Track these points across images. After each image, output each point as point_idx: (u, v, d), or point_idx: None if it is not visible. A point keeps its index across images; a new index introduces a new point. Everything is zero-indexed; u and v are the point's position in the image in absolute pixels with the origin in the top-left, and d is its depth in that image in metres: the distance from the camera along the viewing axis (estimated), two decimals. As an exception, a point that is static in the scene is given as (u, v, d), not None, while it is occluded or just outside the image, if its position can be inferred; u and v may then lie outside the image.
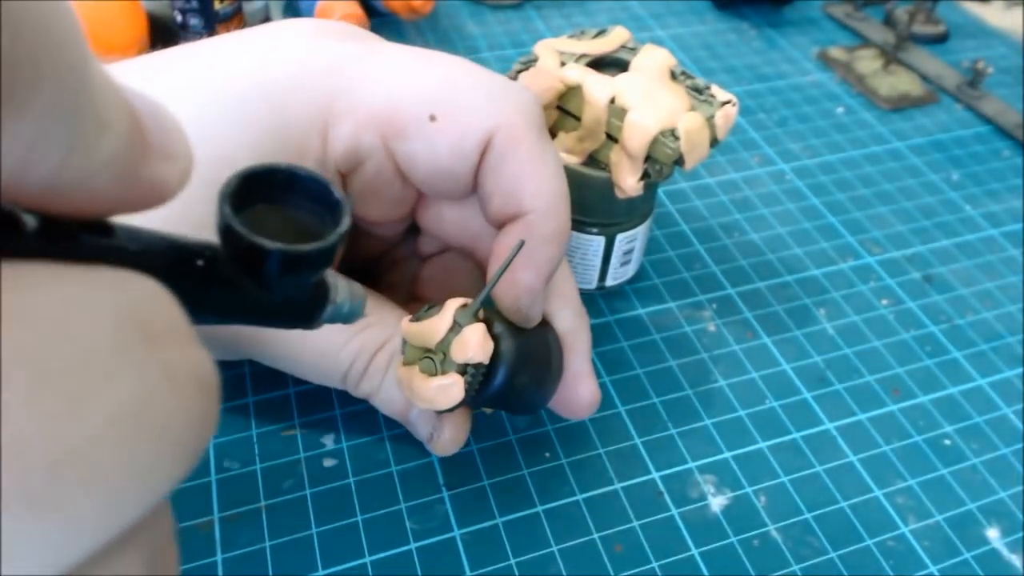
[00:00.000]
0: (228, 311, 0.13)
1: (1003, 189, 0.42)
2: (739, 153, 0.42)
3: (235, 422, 0.28)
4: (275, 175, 0.13)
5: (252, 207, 0.13)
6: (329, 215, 0.14)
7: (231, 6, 0.42)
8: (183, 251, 0.12)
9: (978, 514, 0.27)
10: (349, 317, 0.16)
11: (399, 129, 0.23)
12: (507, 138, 0.23)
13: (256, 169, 0.13)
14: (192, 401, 0.09)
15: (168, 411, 0.09)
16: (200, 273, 0.12)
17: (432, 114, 0.23)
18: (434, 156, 0.23)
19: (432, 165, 0.23)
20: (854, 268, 0.36)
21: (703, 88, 0.29)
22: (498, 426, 0.29)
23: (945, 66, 0.50)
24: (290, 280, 0.13)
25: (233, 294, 0.13)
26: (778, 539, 0.26)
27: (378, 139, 0.23)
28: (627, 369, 0.31)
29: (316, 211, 0.14)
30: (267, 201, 0.13)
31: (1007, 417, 0.30)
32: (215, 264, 0.13)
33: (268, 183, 0.13)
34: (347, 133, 0.23)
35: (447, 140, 0.23)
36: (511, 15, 0.52)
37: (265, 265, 0.12)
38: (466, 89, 0.23)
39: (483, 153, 0.23)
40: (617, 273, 0.33)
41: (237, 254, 0.12)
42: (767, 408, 0.30)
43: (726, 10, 0.54)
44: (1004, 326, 0.34)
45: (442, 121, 0.23)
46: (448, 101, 0.23)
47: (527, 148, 0.23)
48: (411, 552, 0.25)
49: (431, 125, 0.23)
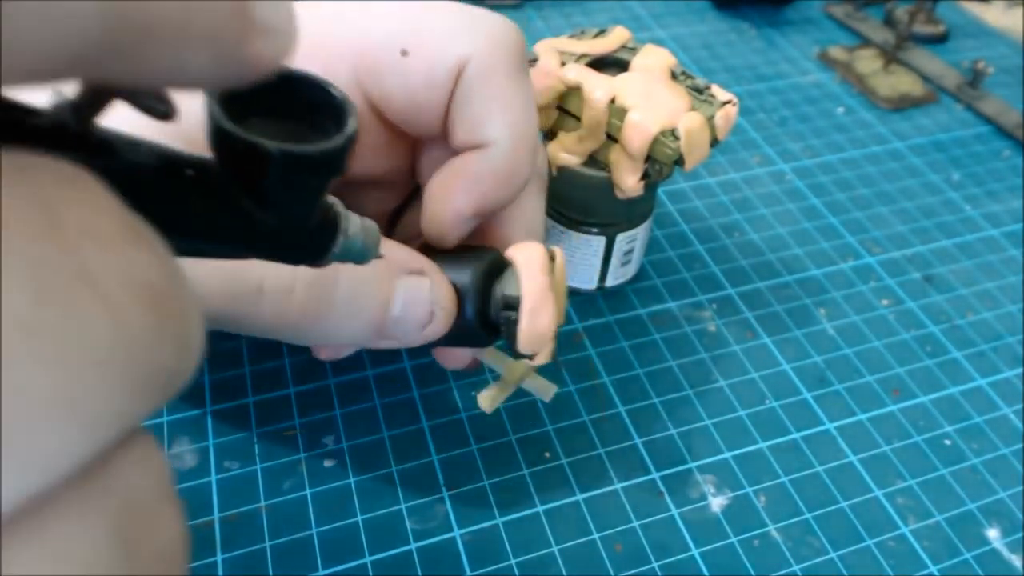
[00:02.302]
0: (222, 235, 0.12)
1: (1003, 189, 0.42)
2: (739, 153, 0.42)
3: (235, 422, 0.28)
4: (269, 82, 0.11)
5: (247, 120, 0.11)
6: (333, 123, 0.12)
7: None
8: (170, 159, 0.11)
9: (978, 514, 0.27)
10: (362, 255, 0.15)
11: (371, 67, 0.22)
12: (479, 68, 0.22)
13: None
14: (129, 314, 0.08)
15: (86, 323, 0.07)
16: (189, 185, 0.11)
17: (404, 48, 0.22)
18: (408, 91, 0.22)
19: (407, 100, 0.22)
20: (854, 268, 0.36)
21: (703, 88, 0.29)
22: (498, 426, 0.29)
23: (945, 66, 0.50)
24: (293, 193, 0.12)
25: (227, 213, 0.11)
26: (778, 539, 0.26)
27: (351, 78, 0.22)
28: (627, 369, 0.31)
29: (318, 122, 0.12)
30: (262, 115, 0.12)
31: (1007, 417, 0.30)
32: (207, 175, 0.11)
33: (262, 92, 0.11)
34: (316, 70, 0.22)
35: (419, 73, 0.22)
36: (511, 15, 0.52)
37: (265, 172, 0.11)
38: (439, 19, 0.22)
39: (456, 83, 0.22)
40: (617, 273, 0.33)
41: (232, 161, 0.11)
42: (767, 408, 0.30)
43: (726, 10, 0.54)
44: (1004, 326, 0.34)
45: (414, 55, 0.22)
46: (420, 32, 0.22)
47: (498, 80, 0.22)
48: (411, 552, 0.25)
49: (404, 60, 0.22)
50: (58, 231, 0.07)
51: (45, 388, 0.07)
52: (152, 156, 0.10)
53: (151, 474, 0.09)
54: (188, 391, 0.29)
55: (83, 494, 0.08)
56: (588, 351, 0.31)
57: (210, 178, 0.11)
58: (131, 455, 0.09)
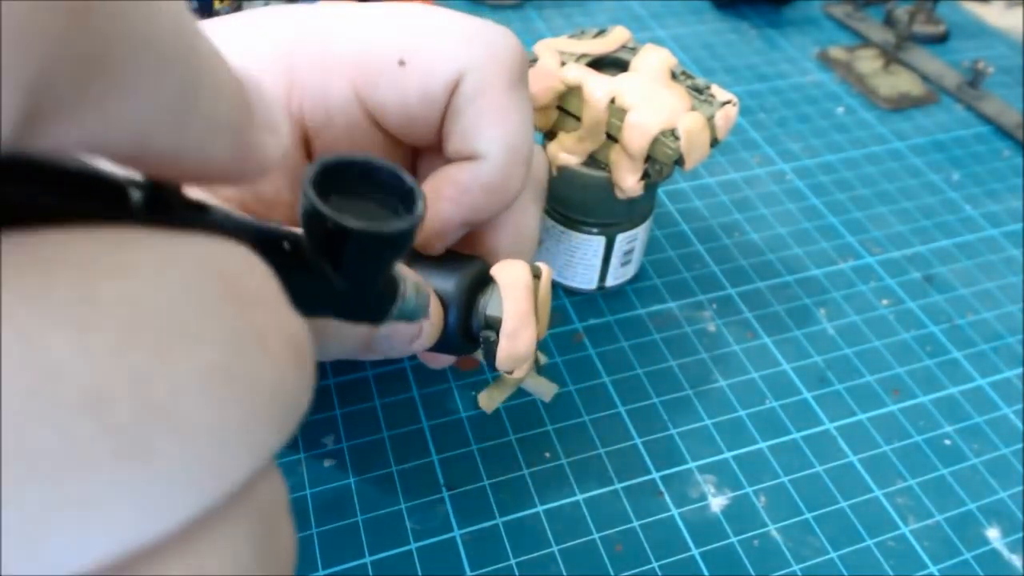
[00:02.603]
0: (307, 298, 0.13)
1: (1003, 189, 0.42)
2: (739, 153, 0.42)
3: (235, 422, 0.28)
4: (351, 166, 0.14)
5: (328, 198, 0.13)
6: (401, 204, 0.14)
7: (231, 6, 0.42)
8: (271, 234, 0.12)
9: (978, 514, 0.27)
10: (415, 314, 0.17)
11: (369, 78, 0.22)
12: (476, 81, 0.21)
13: (334, 159, 0.13)
14: (285, 366, 0.09)
15: (259, 373, 0.09)
16: (285, 256, 0.13)
17: (401, 59, 0.22)
18: (404, 103, 0.22)
19: (403, 112, 0.22)
20: (854, 268, 0.36)
21: (703, 88, 0.29)
22: (498, 426, 0.29)
23: (945, 66, 0.50)
24: (369, 265, 0.13)
25: (313, 280, 0.13)
26: (778, 539, 0.26)
27: (349, 90, 0.22)
28: (627, 369, 0.31)
29: (387, 201, 0.14)
30: (341, 193, 0.13)
31: (1007, 417, 0.30)
32: (299, 248, 0.13)
33: (344, 174, 0.13)
34: (315, 84, 0.22)
35: (416, 85, 0.22)
36: (511, 15, 0.52)
37: (347, 246, 0.13)
38: (437, 31, 0.22)
39: (451, 96, 0.22)
40: (617, 273, 0.33)
41: (320, 236, 0.13)
42: (767, 408, 0.30)
43: (726, 10, 0.54)
44: (1004, 326, 0.34)
45: (411, 65, 0.22)
46: (418, 43, 0.22)
47: (494, 94, 0.22)
48: (411, 552, 0.25)
49: (400, 71, 0.22)
50: (238, 298, 0.09)
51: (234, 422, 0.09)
52: (256, 229, 0.12)
53: (277, 491, 0.10)
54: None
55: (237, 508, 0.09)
56: (588, 351, 0.31)
57: (301, 250, 0.13)
58: (266, 479, 0.10)
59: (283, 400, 0.09)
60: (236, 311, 0.09)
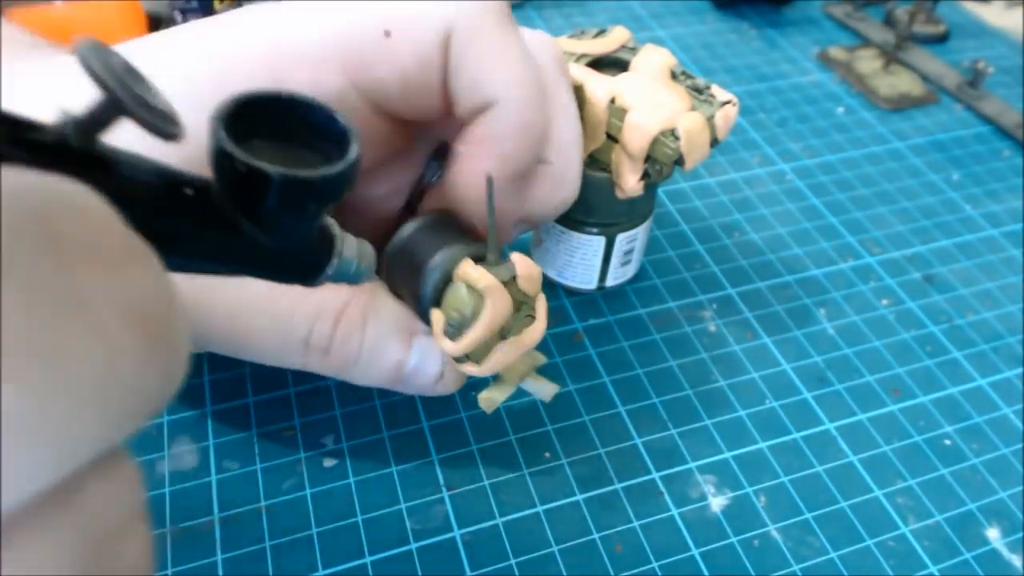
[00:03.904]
0: (217, 254, 0.12)
1: (1003, 189, 0.42)
2: (739, 153, 0.42)
3: (235, 422, 0.28)
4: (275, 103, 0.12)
5: (248, 142, 0.11)
6: (335, 149, 0.12)
7: (231, 6, 0.42)
8: (171, 178, 0.11)
9: (978, 514, 0.27)
10: (356, 277, 0.15)
11: (359, 59, 0.21)
12: (466, 30, 0.21)
13: (253, 94, 0.12)
14: (116, 334, 0.08)
15: (71, 345, 0.07)
16: (188, 204, 0.11)
17: (386, 29, 0.21)
18: (402, 73, 0.21)
19: (403, 84, 0.22)
20: (854, 268, 0.36)
21: (703, 88, 0.29)
22: (498, 426, 0.29)
23: (945, 66, 0.50)
24: (292, 217, 0.12)
25: (225, 233, 0.11)
26: (778, 539, 0.26)
27: (342, 78, 0.22)
28: (627, 369, 0.31)
29: (320, 147, 0.12)
30: (265, 137, 0.12)
31: (1007, 417, 0.30)
32: (207, 195, 0.11)
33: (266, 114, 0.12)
34: (307, 81, 0.21)
35: (407, 51, 0.21)
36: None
37: (264, 194, 0.11)
38: None
39: (446, 53, 0.21)
40: (617, 273, 0.33)
41: (232, 182, 0.11)
42: (767, 408, 0.30)
43: (726, 10, 0.54)
44: (1004, 326, 0.34)
45: (396, 33, 0.21)
46: (397, 10, 0.21)
47: (488, 37, 0.21)
48: (411, 552, 0.25)
49: (388, 42, 0.21)
50: (56, 250, 0.07)
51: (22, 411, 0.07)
52: (152, 174, 0.10)
53: (123, 493, 0.09)
54: (188, 391, 0.29)
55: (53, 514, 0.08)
56: (588, 351, 0.31)
57: (209, 198, 0.11)
58: (105, 474, 0.08)
59: (117, 381, 0.08)
60: (53, 267, 0.07)
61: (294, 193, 0.11)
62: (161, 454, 0.27)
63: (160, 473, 0.26)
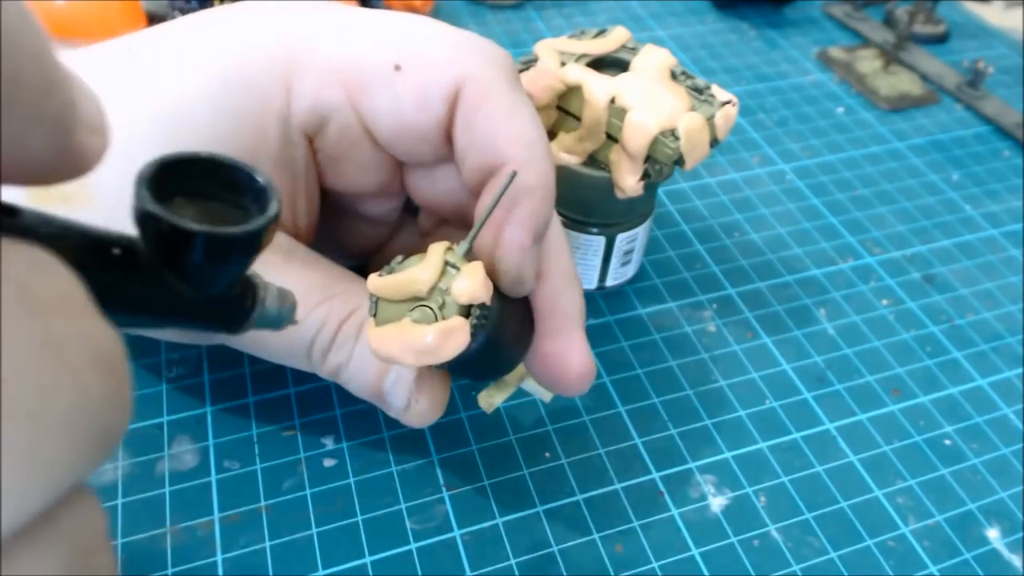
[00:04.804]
0: (147, 308, 0.12)
1: (1003, 189, 0.42)
2: (739, 153, 0.42)
3: (235, 422, 0.28)
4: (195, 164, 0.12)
5: (171, 200, 0.12)
6: (255, 205, 0.13)
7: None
8: (98, 239, 0.11)
9: (978, 514, 0.27)
10: (278, 322, 0.15)
11: (363, 82, 0.22)
12: (477, 89, 0.22)
13: (175, 157, 0.12)
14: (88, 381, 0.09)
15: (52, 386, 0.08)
16: (116, 263, 0.11)
17: (397, 63, 0.22)
18: (399, 110, 0.22)
19: (397, 120, 0.22)
20: (854, 268, 0.36)
21: (703, 88, 0.29)
22: (498, 426, 0.29)
23: (945, 66, 0.50)
24: (215, 271, 0.12)
25: (152, 288, 0.12)
26: (778, 539, 0.26)
27: (342, 94, 0.22)
28: (627, 369, 0.31)
29: (241, 203, 0.13)
30: (187, 194, 0.12)
31: (1007, 417, 0.30)
32: (133, 254, 0.12)
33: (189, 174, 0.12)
34: (310, 89, 0.22)
35: (411, 90, 0.22)
36: (511, 15, 0.52)
37: (188, 251, 0.12)
38: (431, 38, 0.22)
39: (453, 108, 0.22)
40: (617, 273, 0.33)
41: (157, 241, 0.12)
42: (767, 408, 0.30)
43: (726, 10, 0.54)
44: (1004, 326, 0.34)
45: (407, 70, 0.22)
46: (413, 50, 0.22)
47: (498, 98, 0.22)
48: (411, 552, 0.25)
49: (395, 76, 0.22)
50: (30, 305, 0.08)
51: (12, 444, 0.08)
52: (79, 235, 0.11)
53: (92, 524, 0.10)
54: (188, 391, 0.29)
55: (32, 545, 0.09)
56: (588, 351, 0.31)
57: (136, 255, 0.12)
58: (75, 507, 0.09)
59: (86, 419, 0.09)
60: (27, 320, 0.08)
61: (218, 249, 0.12)
62: (161, 454, 0.27)
63: (160, 473, 0.26)
